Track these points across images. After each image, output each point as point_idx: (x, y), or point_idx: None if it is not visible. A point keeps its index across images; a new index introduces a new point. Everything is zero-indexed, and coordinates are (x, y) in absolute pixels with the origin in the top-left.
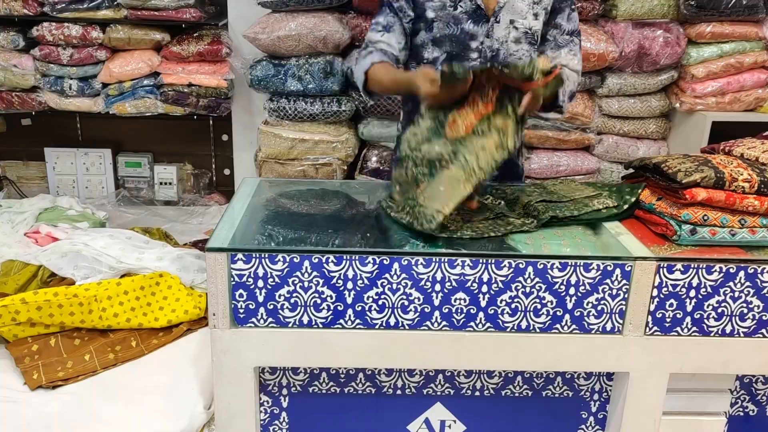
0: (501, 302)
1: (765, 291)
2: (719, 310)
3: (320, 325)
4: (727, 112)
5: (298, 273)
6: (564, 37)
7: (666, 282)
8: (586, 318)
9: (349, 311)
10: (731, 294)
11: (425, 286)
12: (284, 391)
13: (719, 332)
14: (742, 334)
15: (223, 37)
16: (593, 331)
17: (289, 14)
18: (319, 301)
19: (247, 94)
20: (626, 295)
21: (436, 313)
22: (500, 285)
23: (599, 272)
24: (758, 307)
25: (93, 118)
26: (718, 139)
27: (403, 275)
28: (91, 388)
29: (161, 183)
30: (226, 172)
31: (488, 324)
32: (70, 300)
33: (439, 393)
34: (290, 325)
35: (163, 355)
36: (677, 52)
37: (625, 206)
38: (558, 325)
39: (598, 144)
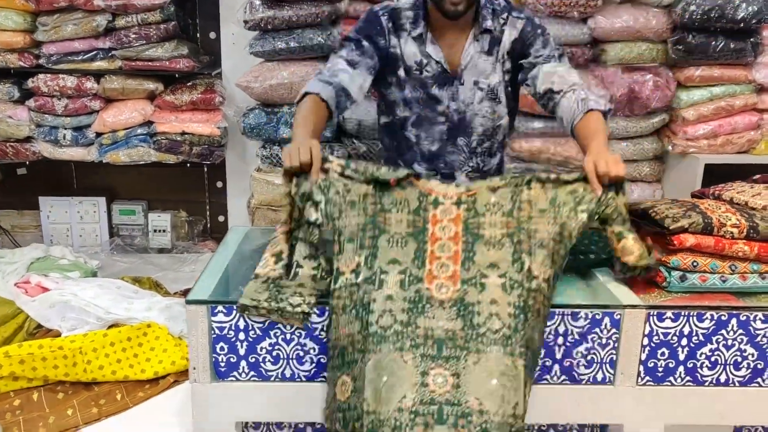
0: None
1: (758, 339)
2: (713, 359)
3: (303, 379)
4: (719, 154)
5: (279, 325)
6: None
7: (657, 330)
8: (576, 368)
9: None
10: (724, 342)
11: None
12: None
13: (713, 382)
14: (737, 384)
15: (217, 86)
16: (584, 382)
17: (281, 63)
18: (301, 353)
19: (241, 141)
20: (616, 345)
21: None
22: None
23: (588, 321)
24: (752, 355)
25: (88, 166)
26: (711, 181)
27: None
28: None
29: (155, 230)
30: (221, 218)
31: None
32: (55, 353)
33: None
34: (272, 378)
35: (148, 408)
36: (667, 95)
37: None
38: (547, 376)
39: None
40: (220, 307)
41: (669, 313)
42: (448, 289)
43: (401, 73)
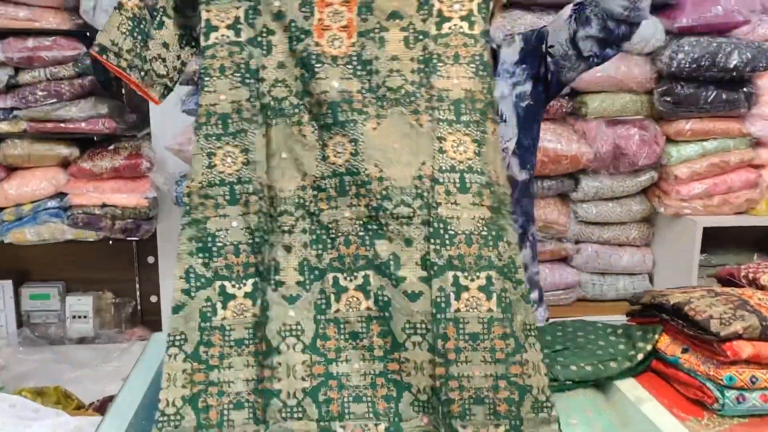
0: None
1: None
2: None
3: None
4: (716, 215)
5: None
6: None
7: None
8: None
9: None
10: None
11: None
12: None
13: None
14: None
15: (144, 149)
16: None
17: None
18: None
19: (174, 211)
20: None
21: None
22: None
23: None
24: None
25: None
26: (709, 246)
27: None
28: None
29: (74, 316)
30: (153, 299)
31: None
32: None
33: None
34: None
35: None
36: (655, 151)
37: (639, 356)
38: None
39: (577, 254)
40: None
41: None
42: (342, 43)
43: None
